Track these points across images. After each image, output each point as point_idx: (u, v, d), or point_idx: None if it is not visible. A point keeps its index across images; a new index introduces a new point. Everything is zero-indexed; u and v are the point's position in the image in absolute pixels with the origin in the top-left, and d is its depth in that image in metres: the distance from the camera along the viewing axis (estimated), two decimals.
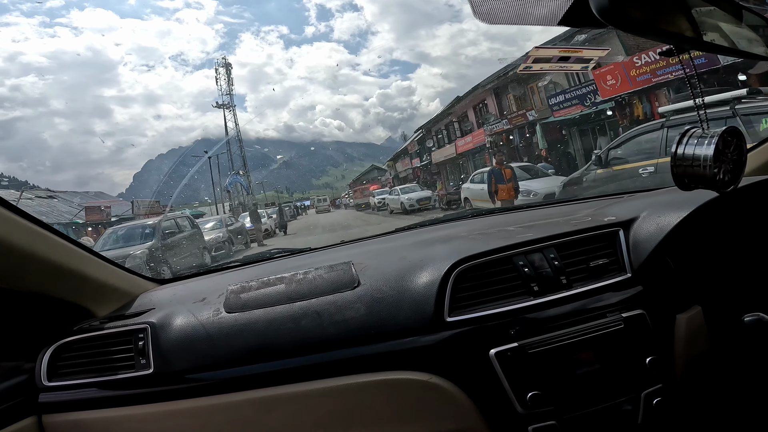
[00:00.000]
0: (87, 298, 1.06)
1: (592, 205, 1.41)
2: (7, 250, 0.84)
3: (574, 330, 0.91)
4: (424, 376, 0.89)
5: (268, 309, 0.97)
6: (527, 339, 0.90)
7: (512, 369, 0.88)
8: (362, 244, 1.49)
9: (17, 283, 0.92)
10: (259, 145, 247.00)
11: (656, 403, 0.91)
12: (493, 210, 1.74)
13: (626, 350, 0.92)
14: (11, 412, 0.92)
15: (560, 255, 1.01)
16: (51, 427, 0.95)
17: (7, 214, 0.85)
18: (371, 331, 0.92)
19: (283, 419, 0.90)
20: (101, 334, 0.99)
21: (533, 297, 0.95)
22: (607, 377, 0.91)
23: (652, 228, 1.03)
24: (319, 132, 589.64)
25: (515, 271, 0.98)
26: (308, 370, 0.91)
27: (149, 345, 0.95)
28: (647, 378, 0.92)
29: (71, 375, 0.97)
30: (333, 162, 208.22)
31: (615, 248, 1.04)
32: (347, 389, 0.89)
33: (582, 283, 0.98)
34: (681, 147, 0.71)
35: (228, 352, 0.92)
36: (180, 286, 1.28)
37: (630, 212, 1.11)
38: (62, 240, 0.98)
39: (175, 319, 0.99)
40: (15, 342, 1.04)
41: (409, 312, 0.93)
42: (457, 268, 0.96)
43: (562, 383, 0.89)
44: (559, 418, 0.88)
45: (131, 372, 0.94)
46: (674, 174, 0.73)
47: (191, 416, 0.91)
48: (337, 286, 1.00)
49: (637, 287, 0.98)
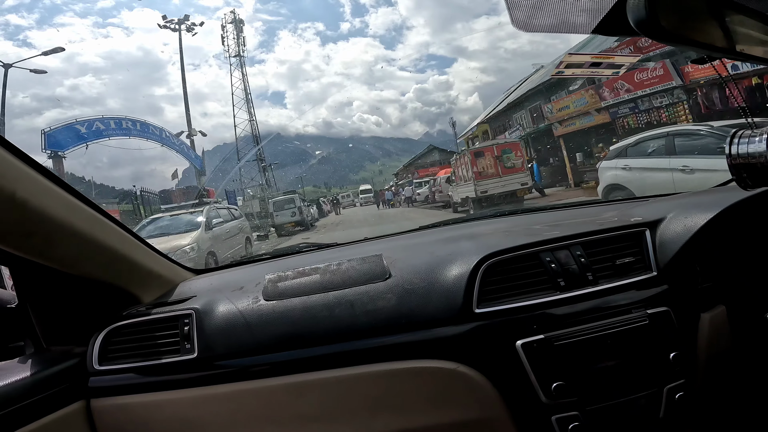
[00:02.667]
0: (135, 285, 1.11)
1: (616, 208, 1.43)
2: (70, 234, 0.88)
3: (600, 324, 0.94)
4: (452, 364, 0.92)
5: (304, 297, 1.01)
6: (553, 332, 0.92)
7: (538, 360, 0.91)
8: (387, 240, 1.53)
9: (77, 268, 0.96)
10: (298, 141, 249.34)
11: (678, 398, 0.93)
12: (516, 210, 1.76)
13: (650, 345, 0.94)
14: (62, 395, 0.94)
15: (586, 252, 1.03)
16: (99, 411, 0.98)
17: (71, 200, 0.89)
18: (401, 321, 0.96)
19: (316, 404, 0.94)
20: (149, 319, 1.04)
21: (559, 292, 0.98)
22: (631, 371, 0.93)
23: (679, 228, 1.04)
24: (358, 128, 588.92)
25: (542, 266, 1.01)
26: (340, 357, 0.94)
27: (194, 330, 0.99)
28: (670, 373, 0.94)
29: (119, 359, 1.01)
30: (370, 157, 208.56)
31: (641, 247, 1.06)
32: (377, 376, 0.93)
33: (608, 280, 1.00)
34: (734, 147, 0.74)
35: (265, 338, 0.96)
36: (215, 276, 1.33)
37: (656, 213, 1.13)
38: (117, 226, 1.03)
39: (217, 305, 1.03)
40: (66, 326, 1.07)
41: (439, 303, 0.96)
42: (486, 262, 0.99)
43: (586, 375, 0.92)
44: (582, 408, 0.90)
45: (176, 356, 0.98)
46: (733, 173, 0.75)
47: (228, 400, 0.95)
48: (369, 276, 1.04)
49: (663, 286, 1.00)
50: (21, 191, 0.76)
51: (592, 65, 3.70)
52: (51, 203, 0.83)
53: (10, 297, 1.02)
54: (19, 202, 0.76)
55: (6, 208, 0.75)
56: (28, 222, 0.80)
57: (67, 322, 1.07)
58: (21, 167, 0.78)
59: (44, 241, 0.85)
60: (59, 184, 0.87)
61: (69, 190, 0.89)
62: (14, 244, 0.81)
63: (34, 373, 0.91)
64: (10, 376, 0.88)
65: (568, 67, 3.61)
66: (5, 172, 0.74)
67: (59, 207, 0.85)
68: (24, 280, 0.99)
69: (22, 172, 0.78)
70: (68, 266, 0.94)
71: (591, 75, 4.06)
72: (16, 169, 0.77)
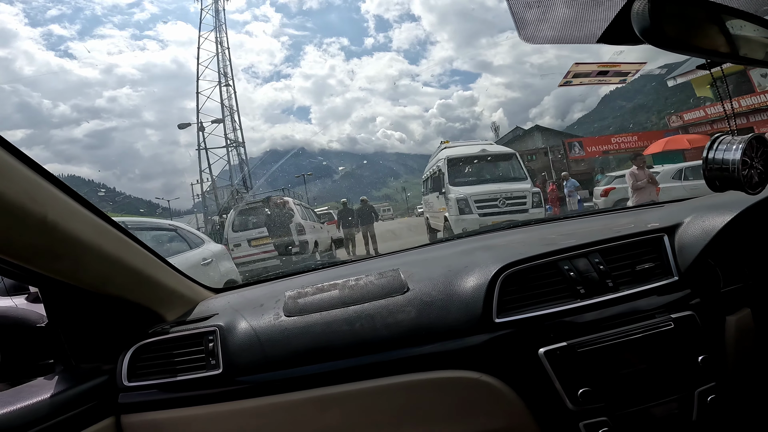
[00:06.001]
0: (159, 304, 1.13)
1: (631, 215, 1.43)
2: (98, 256, 0.91)
3: (623, 330, 0.93)
4: (474, 374, 0.92)
5: (324, 313, 1.03)
6: (576, 339, 0.92)
7: (562, 367, 0.90)
8: (402, 255, 1.54)
9: (104, 288, 0.98)
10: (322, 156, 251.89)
11: (710, 401, 0.92)
12: (529, 221, 1.77)
13: (677, 349, 0.94)
14: (92, 412, 0.95)
15: (605, 260, 1.04)
16: (128, 427, 0.99)
17: (99, 222, 0.92)
18: (422, 333, 0.96)
19: (340, 417, 0.94)
20: (175, 336, 1.06)
21: (580, 299, 0.98)
22: (659, 375, 0.93)
23: (698, 232, 1.05)
24: (382, 144, 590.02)
25: (560, 275, 1.01)
26: (363, 369, 0.95)
27: (218, 346, 1.01)
28: (700, 376, 0.93)
29: (147, 376, 1.02)
30: (393, 174, 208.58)
31: (660, 253, 1.06)
32: (400, 388, 0.93)
33: (628, 286, 1.00)
34: (711, 152, 0.76)
35: (288, 353, 0.98)
36: (235, 294, 1.35)
37: (673, 218, 1.14)
38: (141, 248, 1.06)
39: (240, 322, 1.05)
40: (94, 344, 1.09)
41: (458, 314, 0.97)
42: (504, 272, 1.00)
43: (612, 381, 0.91)
44: (610, 414, 0.90)
45: (202, 372, 0.99)
46: (706, 177, 0.77)
47: (254, 415, 0.96)
48: (387, 291, 1.06)
49: (685, 290, 1.00)
50: (52, 215, 0.78)
51: (599, 74, 3.75)
52: (80, 226, 0.86)
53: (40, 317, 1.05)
54: (50, 225, 0.78)
55: (37, 231, 0.77)
56: (58, 245, 0.83)
57: (95, 340, 1.09)
58: (52, 190, 0.81)
59: (73, 263, 0.88)
60: (87, 206, 0.90)
61: (97, 212, 0.93)
62: (45, 266, 0.84)
63: (65, 390, 0.93)
64: (41, 393, 0.90)
65: (576, 77, 3.65)
66: (37, 196, 0.76)
67: (87, 230, 0.88)
68: (53, 300, 1.01)
69: (52, 196, 0.81)
70: (96, 287, 0.97)
71: (598, 83, 4.11)
72: (46, 192, 0.79)
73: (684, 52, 0.64)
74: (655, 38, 0.56)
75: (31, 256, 0.80)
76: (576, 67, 3.41)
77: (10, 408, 0.83)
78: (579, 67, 3.49)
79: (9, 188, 0.70)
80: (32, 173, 0.77)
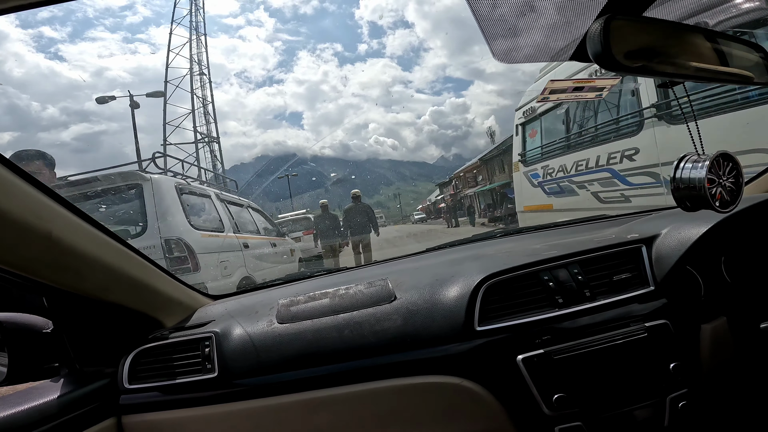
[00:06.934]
0: (158, 310, 1.18)
1: (617, 223, 1.45)
2: (99, 266, 0.97)
3: (598, 338, 0.96)
4: (456, 380, 0.96)
5: (315, 320, 1.07)
6: (552, 346, 0.96)
7: (538, 373, 0.94)
8: (393, 263, 1.57)
9: (105, 296, 1.04)
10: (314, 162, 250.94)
11: (682, 407, 0.95)
12: (521, 229, 1.79)
13: (650, 357, 0.96)
14: (95, 413, 1.01)
15: (584, 270, 1.07)
16: (129, 427, 1.04)
17: (99, 235, 0.98)
18: (407, 340, 1.00)
19: (328, 419, 0.98)
20: (173, 342, 1.11)
21: (558, 308, 1.01)
22: (632, 382, 0.95)
23: (674, 243, 1.07)
24: (374, 151, 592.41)
25: (541, 285, 1.05)
26: (350, 374, 1.00)
27: (214, 351, 1.06)
28: (672, 383, 0.96)
29: (147, 379, 1.08)
30: (386, 181, 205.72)
31: (638, 263, 1.09)
32: (385, 392, 0.98)
33: (605, 296, 1.03)
34: (678, 171, 0.74)
35: (280, 357, 1.02)
36: (231, 301, 1.40)
37: (652, 229, 1.16)
38: (141, 258, 1.11)
39: (234, 328, 1.10)
40: (97, 349, 1.15)
41: (442, 322, 1.01)
42: (486, 283, 1.04)
43: (587, 387, 0.94)
44: (585, 419, 0.92)
45: (199, 376, 1.04)
46: (675, 198, 0.75)
47: (246, 417, 1.00)
48: (375, 300, 1.10)
49: (661, 300, 1.02)
50: (56, 230, 0.84)
51: (575, 89, 3.71)
52: (82, 239, 0.91)
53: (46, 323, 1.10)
54: (55, 240, 0.84)
55: (43, 246, 0.82)
56: (62, 257, 0.88)
57: (98, 345, 1.14)
58: (55, 207, 0.86)
59: (76, 274, 0.93)
60: (88, 221, 0.95)
61: (97, 226, 0.98)
62: (50, 277, 0.89)
63: (70, 391, 0.99)
64: (47, 395, 0.95)
65: (552, 93, 3.62)
66: (41, 213, 0.82)
67: (89, 243, 0.94)
68: (58, 307, 1.07)
69: (55, 212, 0.86)
70: (98, 295, 1.02)
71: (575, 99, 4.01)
72: (50, 209, 0.85)
73: (639, 74, 0.64)
74: (607, 63, 0.56)
75: (38, 268, 0.85)
76: (552, 84, 3.39)
77: (20, 408, 0.89)
78: (555, 84, 3.46)
79: (16, 207, 0.75)
80: (36, 191, 0.82)
